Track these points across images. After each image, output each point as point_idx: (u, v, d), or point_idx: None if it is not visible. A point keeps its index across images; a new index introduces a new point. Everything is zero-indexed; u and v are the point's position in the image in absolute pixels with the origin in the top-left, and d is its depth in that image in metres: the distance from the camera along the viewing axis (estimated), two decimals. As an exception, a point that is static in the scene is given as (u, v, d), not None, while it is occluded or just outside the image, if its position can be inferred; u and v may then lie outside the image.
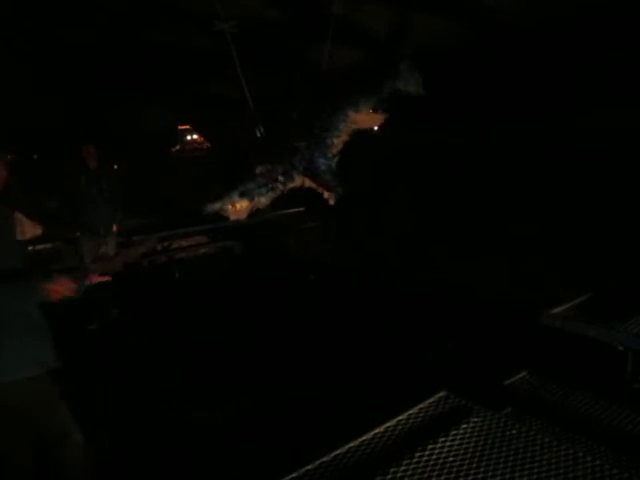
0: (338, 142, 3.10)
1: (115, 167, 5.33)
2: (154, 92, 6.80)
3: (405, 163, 6.32)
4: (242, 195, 2.84)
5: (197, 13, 3.72)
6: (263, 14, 3.83)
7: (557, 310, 2.92)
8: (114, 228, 5.39)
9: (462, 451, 1.81)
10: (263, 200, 2.91)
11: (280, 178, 2.92)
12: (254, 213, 2.98)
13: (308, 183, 3.09)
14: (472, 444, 1.84)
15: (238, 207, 2.85)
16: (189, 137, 16.60)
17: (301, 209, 7.79)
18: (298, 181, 3.03)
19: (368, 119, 3.26)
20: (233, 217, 2.90)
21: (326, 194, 3.08)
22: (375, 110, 3.26)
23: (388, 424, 2.03)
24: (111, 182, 5.31)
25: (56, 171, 5.98)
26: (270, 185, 2.89)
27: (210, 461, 3.00)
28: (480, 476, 1.68)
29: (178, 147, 15.21)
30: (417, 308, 5.09)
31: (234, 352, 4.41)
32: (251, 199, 2.86)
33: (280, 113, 3.31)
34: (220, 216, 2.87)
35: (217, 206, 2.83)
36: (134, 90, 6.52)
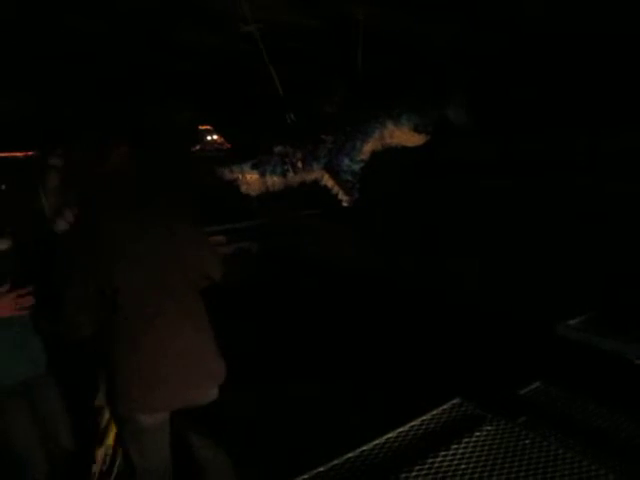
0: (367, 149, 3.08)
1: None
2: (176, 91, 6.84)
3: (427, 170, 6.30)
4: (254, 167, 2.85)
5: (223, 15, 3.76)
6: (291, 18, 3.85)
7: (573, 321, 2.91)
8: None
9: (474, 459, 1.81)
10: (275, 180, 2.90)
11: (299, 164, 2.92)
12: (266, 192, 2.96)
13: (326, 180, 3.07)
14: (485, 452, 1.84)
15: (248, 178, 2.87)
16: (209, 137, 16.65)
17: (318, 211, 7.81)
18: (317, 174, 3.02)
19: (408, 137, 3.20)
20: (244, 188, 2.90)
21: (341, 194, 3.06)
22: (417, 130, 3.20)
23: (401, 429, 2.04)
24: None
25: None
26: (286, 167, 2.89)
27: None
28: (492, 484, 1.68)
29: (198, 147, 15.27)
30: (432, 313, 5.07)
31: (245, 351, 4.43)
32: (262, 174, 2.87)
33: (313, 104, 3.30)
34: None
35: (229, 173, 2.84)
36: (159, 89, 6.57)
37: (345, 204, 3.06)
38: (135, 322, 2.09)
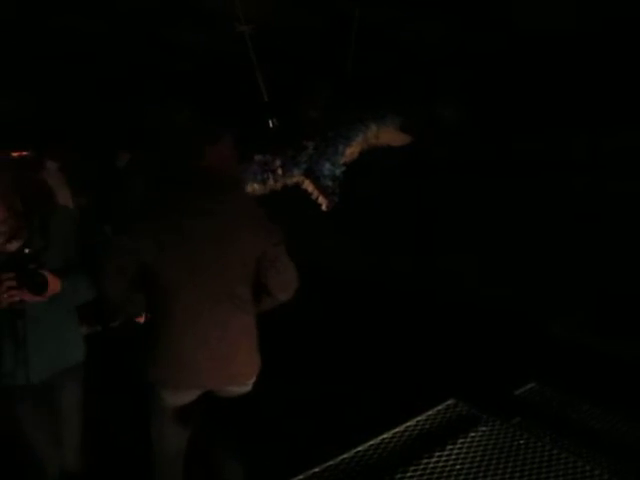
0: (351, 152, 3.09)
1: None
2: (173, 92, 6.85)
3: (414, 169, 6.28)
4: None
5: (217, 15, 3.77)
6: (284, 17, 3.86)
7: (569, 321, 2.91)
8: None
9: (469, 459, 1.81)
10: (256, 187, 2.96)
11: (279, 171, 2.95)
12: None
13: (307, 184, 3.09)
14: (479, 452, 1.85)
15: None
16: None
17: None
18: (298, 179, 3.05)
19: (393, 137, 3.21)
20: None
21: (321, 199, 3.07)
22: (404, 130, 3.21)
23: (396, 430, 2.04)
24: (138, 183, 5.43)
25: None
26: (266, 175, 2.93)
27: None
28: (486, 484, 1.68)
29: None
30: (427, 314, 5.07)
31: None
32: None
33: (296, 109, 3.31)
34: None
35: None
36: (158, 89, 6.58)
37: (324, 209, 3.08)
38: (172, 305, 2.17)
